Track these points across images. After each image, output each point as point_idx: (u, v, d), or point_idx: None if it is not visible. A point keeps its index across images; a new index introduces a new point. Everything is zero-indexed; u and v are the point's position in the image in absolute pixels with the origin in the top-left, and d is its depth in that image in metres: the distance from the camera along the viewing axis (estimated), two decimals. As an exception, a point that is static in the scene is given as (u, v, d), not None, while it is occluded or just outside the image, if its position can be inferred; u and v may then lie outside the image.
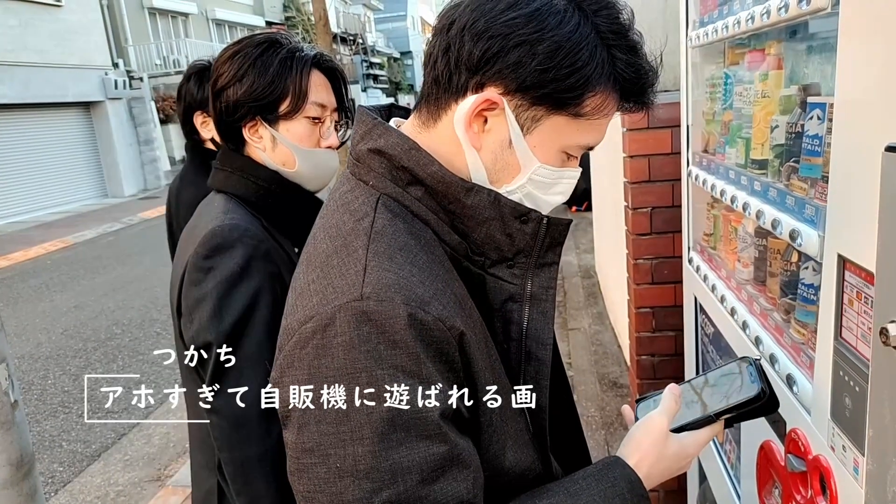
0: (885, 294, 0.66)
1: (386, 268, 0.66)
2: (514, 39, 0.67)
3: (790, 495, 1.08)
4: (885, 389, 0.66)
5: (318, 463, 0.63)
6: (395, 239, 0.69)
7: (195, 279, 1.07)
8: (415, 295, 0.64)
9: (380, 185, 0.74)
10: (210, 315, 1.04)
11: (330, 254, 0.70)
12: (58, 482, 3.32)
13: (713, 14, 1.52)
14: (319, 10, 6.69)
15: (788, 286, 1.23)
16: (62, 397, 4.30)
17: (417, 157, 0.72)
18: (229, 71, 1.14)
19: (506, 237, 0.74)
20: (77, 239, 10.10)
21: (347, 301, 0.63)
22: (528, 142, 0.71)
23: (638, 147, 2.19)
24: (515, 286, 0.76)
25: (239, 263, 1.05)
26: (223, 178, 1.20)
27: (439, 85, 0.72)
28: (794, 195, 1.09)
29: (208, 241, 1.07)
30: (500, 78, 0.68)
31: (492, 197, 0.72)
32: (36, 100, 12.48)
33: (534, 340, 0.78)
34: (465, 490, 0.64)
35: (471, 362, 0.68)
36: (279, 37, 1.19)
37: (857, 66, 0.83)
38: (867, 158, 0.74)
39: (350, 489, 0.62)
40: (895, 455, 0.65)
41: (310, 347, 0.64)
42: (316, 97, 1.17)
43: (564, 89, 0.68)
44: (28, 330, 5.74)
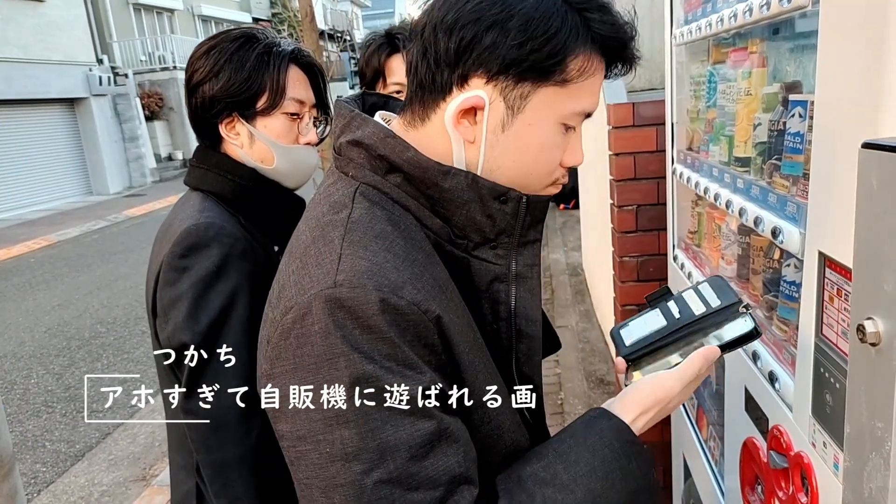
0: (861, 291, 0.67)
1: (360, 255, 0.67)
2: (485, 23, 0.68)
3: (772, 491, 1.08)
4: (862, 386, 0.67)
5: (311, 449, 0.65)
6: (371, 227, 0.70)
7: (170, 279, 1.05)
8: (388, 280, 0.65)
9: (359, 175, 0.75)
10: (186, 316, 1.02)
11: (308, 245, 0.71)
12: (41, 482, 3.28)
13: (697, 12, 1.53)
14: (306, 7, 6.64)
15: (771, 283, 1.23)
16: (45, 397, 4.25)
17: (393, 145, 0.73)
18: (205, 66, 1.12)
19: (486, 218, 0.74)
20: (61, 237, 9.99)
21: (322, 289, 0.65)
22: (522, 120, 0.71)
23: (623, 145, 2.20)
24: (500, 266, 0.77)
25: (215, 263, 1.04)
26: (199, 175, 1.18)
27: (424, 88, 0.73)
28: (776, 192, 1.09)
29: (183, 241, 1.05)
30: (481, 64, 0.69)
31: (469, 179, 0.73)
32: (18, 96, 12.32)
33: (523, 318, 0.79)
34: (457, 463, 0.65)
35: (451, 345, 0.68)
36: (256, 32, 1.17)
37: (837, 63, 0.83)
38: (847, 156, 0.74)
39: (341, 473, 0.63)
40: (872, 452, 0.65)
41: (292, 337, 0.66)
42: (294, 93, 1.15)
43: (544, 58, 0.68)
44: (11, 329, 5.67)
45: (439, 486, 0.64)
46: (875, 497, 0.66)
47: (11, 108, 12.45)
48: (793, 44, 1.18)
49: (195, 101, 1.14)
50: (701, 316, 0.89)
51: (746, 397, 1.22)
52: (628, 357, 0.90)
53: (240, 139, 1.16)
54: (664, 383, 0.78)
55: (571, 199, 7.64)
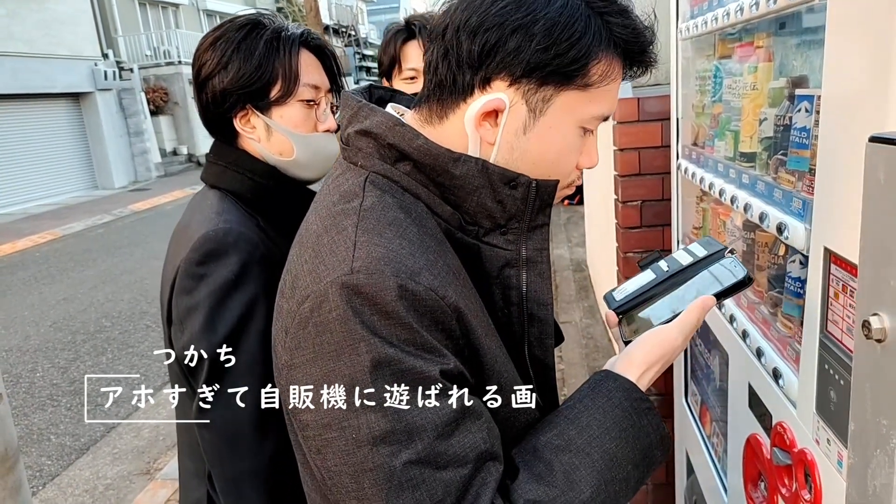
0: (867, 286, 0.66)
1: (375, 242, 0.67)
2: (509, 27, 0.68)
3: (775, 488, 1.08)
4: (867, 382, 0.66)
5: (336, 437, 0.65)
6: (384, 214, 0.70)
7: (187, 287, 1.00)
8: (405, 266, 0.65)
9: (368, 164, 0.76)
10: (202, 326, 0.97)
11: (321, 234, 0.71)
12: (46, 475, 3.30)
13: (703, 6, 1.52)
14: (310, 1, 6.64)
15: (776, 280, 1.23)
16: (51, 390, 4.27)
17: (402, 133, 0.73)
18: (212, 59, 1.07)
19: (497, 204, 0.75)
20: (66, 231, 10.02)
21: (338, 276, 0.65)
22: (543, 123, 0.72)
23: (628, 140, 2.19)
24: (511, 252, 0.77)
25: (233, 271, 0.99)
26: (217, 172, 1.13)
27: (444, 88, 0.73)
28: (782, 188, 1.09)
29: (201, 247, 1.00)
30: (504, 67, 0.69)
31: (479, 165, 0.73)
32: (24, 90, 12.33)
33: (534, 302, 0.79)
34: (482, 440, 0.66)
35: (469, 329, 0.69)
36: (262, 18, 1.12)
37: (844, 58, 0.82)
38: (853, 151, 0.73)
39: (370, 457, 0.63)
40: (876, 449, 0.65)
41: (310, 326, 0.66)
42: (308, 78, 1.10)
43: (568, 62, 0.69)
44: (16, 322, 5.70)
45: (467, 463, 0.64)
46: (879, 494, 0.66)
47: (17, 102, 12.47)
48: (799, 39, 1.17)
49: (205, 96, 1.09)
50: (688, 265, 0.89)
51: (750, 394, 1.22)
52: (618, 310, 0.91)
53: (256, 132, 1.11)
54: (666, 336, 0.80)
55: (576, 196, 7.63)
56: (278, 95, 1.08)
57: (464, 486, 0.64)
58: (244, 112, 1.10)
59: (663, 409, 2.38)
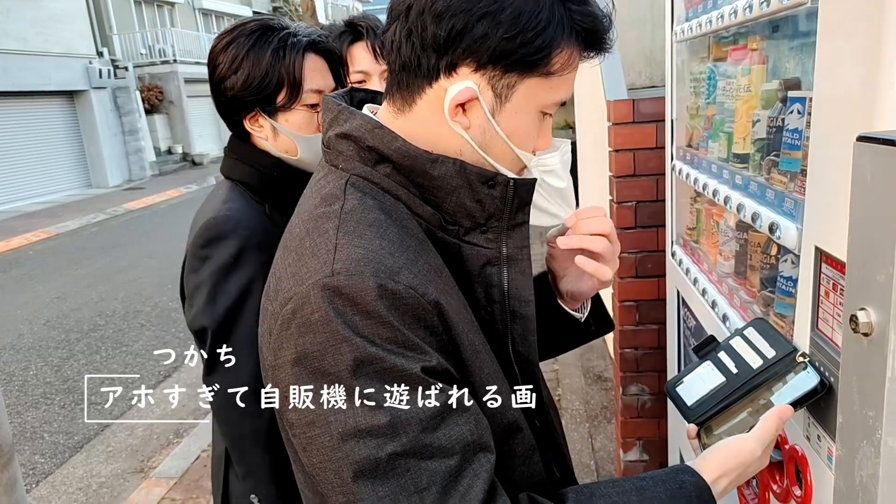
0: (855, 281, 0.68)
1: (356, 244, 0.68)
2: (476, 13, 0.68)
3: (767, 485, 1.10)
4: (854, 376, 0.68)
5: (321, 433, 0.65)
6: (364, 216, 0.71)
7: (194, 267, 1.14)
8: (384, 266, 0.66)
9: (349, 166, 0.76)
10: (205, 301, 1.11)
11: (303, 237, 0.72)
12: (39, 473, 3.30)
13: (698, 8, 1.53)
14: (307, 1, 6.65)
15: (768, 279, 1.24)
16: (44, 388, 4.26)
17: (381, 135, 0.74)
18: (225, 61, 1.16)
19: (476, 203, 0.75)
20: (60, 229, 9.98)
21: (319, 279, 0.66)
22: (509, 108, 0.73)
23: (623, 141, 2.20)
24: (491, 250, 0.78)
25: (231, 253, 1.11)
26: (230, 165, 1.26)
27: (408, 70, 0.73)
28: (774, 188, 1.10)
29: (204, 233, 1.13)
30: (470, 54, 0.69)
31: (457, 166, 0.74)
32: (17, 88, 12.29)
33: (516, 299, 0.80)
34: (469, 431, 0.67)
35: (451, 326, 0.70)
36: (271, 22, 1.19)
37: (835, 59, 0.84)
38: (843, 152, 0.75)
39: (356, 450, 0.64)
40: (863, 440, 0.67)
41: (293, 328, 0.67)
42: (311, 84, 1.17)
43: (533, 52, 0.69)
44: (10, 321, 5.68)
45: (454, 454, 0.65)
46: (866, 484, 0.67)
47: (11, 100, 12.43)
48: (792, 41, 1.18)
49: (221, 97, 1.19)
50: (759, 370, 0.91)
51: (742, 391, 1.23)
52: (698, 421, 0.94)
53: (264, 132, 1.21)
54: (744, 447, 0.80)
55: (571, 197, 7.65)
56: (283, 102, 1.17)
57: (451, 477, 0.65)
58: (253, 114, 1.20)
59: (657, 408, 2.40)
